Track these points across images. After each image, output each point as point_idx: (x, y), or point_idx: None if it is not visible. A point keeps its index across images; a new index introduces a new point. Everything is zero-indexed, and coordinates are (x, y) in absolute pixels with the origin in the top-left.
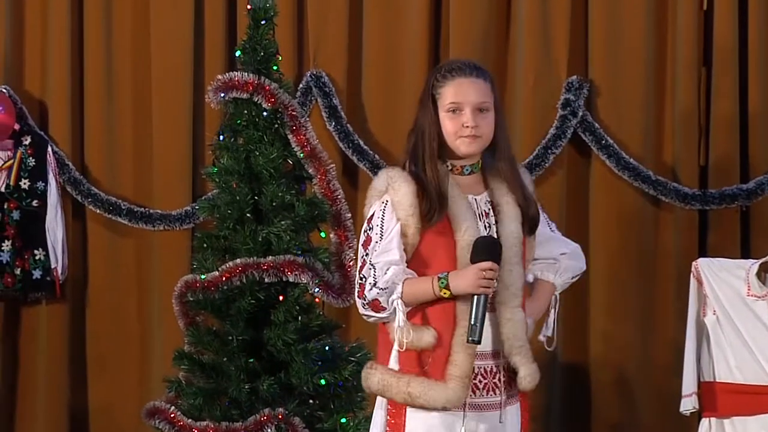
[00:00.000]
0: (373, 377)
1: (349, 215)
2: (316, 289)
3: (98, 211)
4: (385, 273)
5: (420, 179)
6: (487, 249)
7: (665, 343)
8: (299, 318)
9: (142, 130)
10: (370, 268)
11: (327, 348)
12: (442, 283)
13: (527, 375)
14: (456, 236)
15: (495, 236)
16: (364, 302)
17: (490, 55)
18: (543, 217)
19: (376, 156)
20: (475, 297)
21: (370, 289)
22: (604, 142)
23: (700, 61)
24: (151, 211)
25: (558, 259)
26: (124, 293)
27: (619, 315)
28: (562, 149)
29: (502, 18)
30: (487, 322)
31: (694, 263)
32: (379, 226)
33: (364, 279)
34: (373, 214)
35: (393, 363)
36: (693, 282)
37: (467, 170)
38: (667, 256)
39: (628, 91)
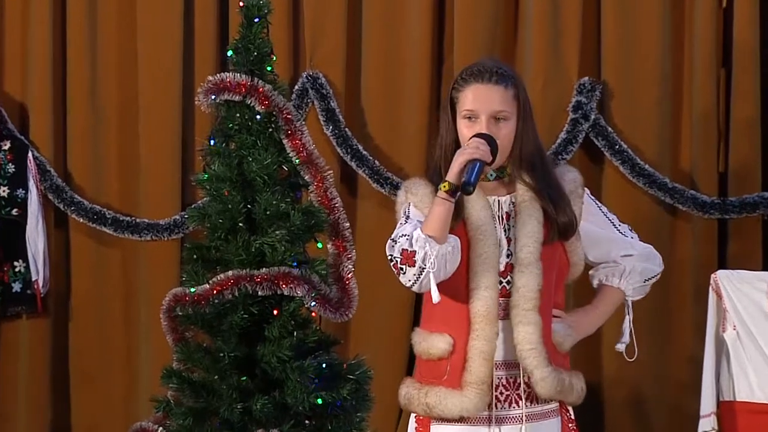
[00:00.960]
0: (401, 391)
1: (348, 225)
2: (313, 303)
3: (82, 220)
4: (400, 233)
5: (437, 184)
6: (479, 135)
7: (682, 360)
8: (295, 333)
9: (129, 134)
10: (392, 244)
11: (324, 365)
12: (440, 186)
13: (541, 379)
14: (471, 242)
15: (513, 239)
16: (398, 263)
17: (497, 54)
18: (604, 219)
19: (376, 162)
20: (466, 165)
21: (393, 248)
22: (617, 147)
23: (719, 62)
24: (138, 220)
25: (619, 261)
26: (109, 307)
27: (633, 330)
28: (573, 155)
29: (510, 16)
30: (500, 331)
31: (713, 276)
32: (404, 217)
33: (391, 255)
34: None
35: (435, 297)
36: (712, 295)
37: (491, 176)
38: (685, 268)
39: (643, 93)
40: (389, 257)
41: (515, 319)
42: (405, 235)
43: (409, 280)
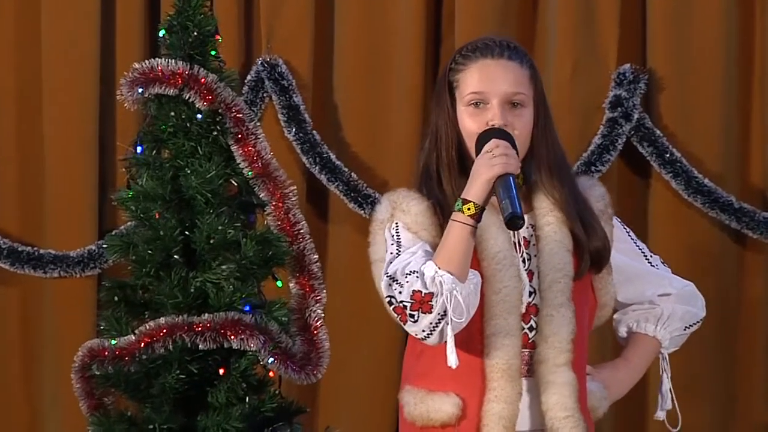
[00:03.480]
0: None
1: (316, 257)
2: (271, 360)
3: None
4: (407, 270)
5: (435, 196)
6: (491, 136)
7: (752, 428)
8: (247, 399)
9: (30, 138)
10: (391, 283)
11: None
12: (458, 205)
13: None
14: (484, 275)
15: (536, 271)
16: (406, 309)
17: (510, 35)
18: (635, 248)
19: (353, 175)
20: (496, 182)
21: (401, 292)
22: (668, 155)
23: None
24: (42, 251)
25: (656, 302)
26: (4, 363)
27: (688, 390)
28: (610, 165)
29: None
30: (523, 392)
31: None
32: (395, 244)
33: (392, 297)
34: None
35: (452, 360)
36: None
37: None
38: (755, 311)
39: (701, 85)
40: (388, 299)
41: (544, 378)
42: (414, 272)
43: (423, 331)
